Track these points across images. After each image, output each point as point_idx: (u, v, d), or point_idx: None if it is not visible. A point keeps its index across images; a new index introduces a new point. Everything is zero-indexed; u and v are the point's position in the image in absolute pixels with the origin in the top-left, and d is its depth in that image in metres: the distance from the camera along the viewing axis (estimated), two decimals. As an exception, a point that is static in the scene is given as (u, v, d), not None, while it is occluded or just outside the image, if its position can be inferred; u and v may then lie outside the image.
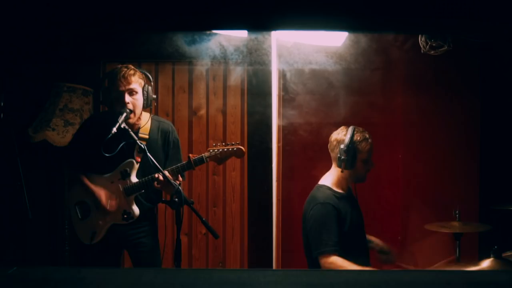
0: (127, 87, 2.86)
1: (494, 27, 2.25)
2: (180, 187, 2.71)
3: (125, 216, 2.91)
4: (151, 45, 3.83)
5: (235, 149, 2.87)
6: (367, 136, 2.99)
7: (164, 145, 3.03)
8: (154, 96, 3.01)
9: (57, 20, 2.22)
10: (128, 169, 2.92)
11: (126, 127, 2.81)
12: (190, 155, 2.89)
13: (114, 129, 2.73)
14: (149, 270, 2.43)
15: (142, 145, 2.77)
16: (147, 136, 2.98)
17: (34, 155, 3.70)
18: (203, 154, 2.89)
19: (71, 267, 3.40)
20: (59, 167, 3.74)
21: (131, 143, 2.86)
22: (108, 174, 2.95)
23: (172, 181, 2.74)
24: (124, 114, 2.82)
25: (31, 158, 3.61)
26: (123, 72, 2.87)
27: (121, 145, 2.82)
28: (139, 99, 2.91)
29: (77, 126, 3.65)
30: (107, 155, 2.76)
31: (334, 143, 3.01)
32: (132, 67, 2.93)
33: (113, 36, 3.75)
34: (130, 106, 2.87)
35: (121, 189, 2.92)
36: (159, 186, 2.86)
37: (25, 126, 3.66)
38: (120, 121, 2.77)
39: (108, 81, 2.95)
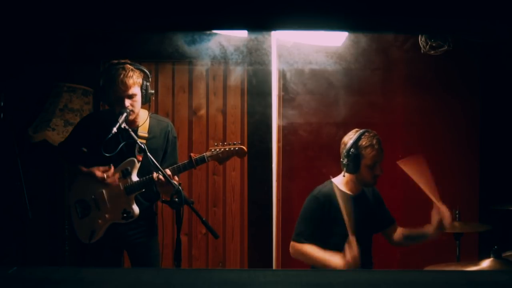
0: (126, 92, 2.84)
1: (494, 27, 2.25)
2: (180, 187, 2.71)
3: (125, 215, 2.89)
4: (151, 45, 3.83)
5: (237, 148, 2.87)
6: (374, 142, 2.91)
7: (163, 143, 3.03)
8: (152, 91, 2.98)
9: (57, 20, 2.22)
10: (129, 168, 2.91)
11: (127, 127, 2.80)
12: (192, 154, 2.89)
13: (115, 129, 2.72)
14: (149, 270, 2.43)
15: (142, 145, 2.77)
16: (146, 135, 2.98)
17: (34, 155, 3.70)
18: (204, 154, 2.88)
19: (71, 267, 3.40)
20: (56, 163, 3.74)
21: (131, 143, 2.85)
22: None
23: (172, 181, 2.74)
24: (125, 115, 2.81)
25: (31, 158, 3.61)
26: (121, 76, 2.82)
27: (121, 145, 2.82)
28: (138, 100, 2.90)
29: (77, 126, 3.65)
30: (107, 155, 2.76)
31: (342, 145, 2.99)
32: (130, 66, 2.88)
33: (113, 36, 3.75)
34: (130, 107, 2.86)
35: (121, 188, 2.91)
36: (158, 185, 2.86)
37: (25, 126, 3.66)
38: (120, 121, 2.76)
39: (105, 81, 2.91)
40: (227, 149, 2.86)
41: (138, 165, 2.93)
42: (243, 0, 2.20)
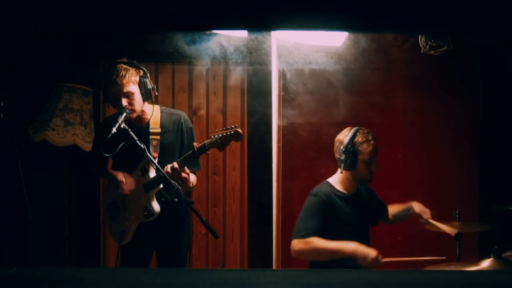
0: (121, 91, 2.84)
1: (494, 27, 2.25)
2: (180, 187, 2.71)
3: (146, 213, 2.89)
4: (151, 45, 3.83)
5: (232, 132, 2.84)
6: (370, 137, 2.96)
7: (177, 136, 3.02)
8: (153, 86, 2.95)
9: (57, 20, 2.22)
10: (146, 166, 2.91)
11: (126, 126, 2.80)
12: (194, 144, 2.89)
13: (114, 129, 2.72)
14: (149, 270, 2.43)
15: (142, 145, 2.77)
16: (159, 130, 2.97)
17: (34, 155, 3.70)
18: (205, 142, 2.88)
19: (71, 267, 3.40)
20: (87, 173, 3.80)
21: (146, 141, 2.86)
22: (132, 173, 2.96)
23: (172, 181, 2.74)
24: (124, 114, 2.82)
25: (31, 158, 3.61)
26: (113, 76, 2.82)
27: (121, 144, 2.82)
28: (136, 98, 2.89)
29: (77, 126, 3.66)
30: (106, 155, 2.77)
31: (337, 143, 3.02)
32: (123, 65, 2.87)
33: (113, 36, 3.75)
34: (128, 107, 2.86)
35: (141, 186, 2.92)
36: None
37: (25, 126, 3.66)
38: (120, 121, 2.76)
39: (103, 82, 2.92)
40: (224, 134, 2.85)
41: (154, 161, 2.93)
42: (243, 0, 2.20)
